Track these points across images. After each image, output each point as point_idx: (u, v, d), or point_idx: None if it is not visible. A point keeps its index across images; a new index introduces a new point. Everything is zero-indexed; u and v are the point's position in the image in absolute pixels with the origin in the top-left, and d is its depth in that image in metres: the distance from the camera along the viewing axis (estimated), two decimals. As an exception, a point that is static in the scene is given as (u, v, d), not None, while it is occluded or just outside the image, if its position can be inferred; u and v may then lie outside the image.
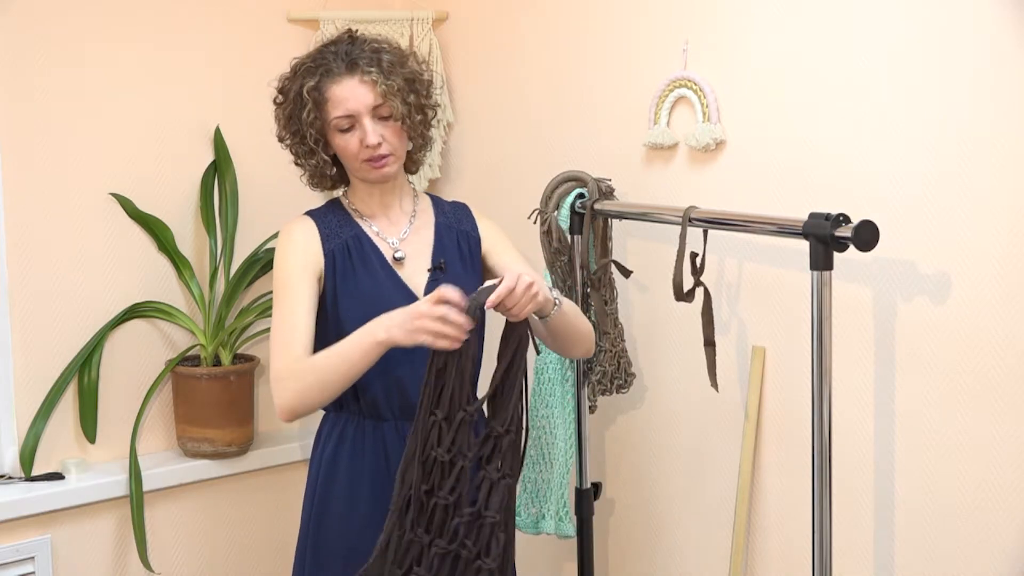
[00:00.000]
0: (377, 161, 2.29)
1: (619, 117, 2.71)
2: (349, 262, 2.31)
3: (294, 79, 2.30)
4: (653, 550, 2.75)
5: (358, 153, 2.28)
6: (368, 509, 2.28)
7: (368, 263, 2.32)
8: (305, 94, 2.26)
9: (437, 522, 2.10)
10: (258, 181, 3.03)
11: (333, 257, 2.31)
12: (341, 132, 2.27)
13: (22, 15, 2.68)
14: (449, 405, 2.09)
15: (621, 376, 2.62)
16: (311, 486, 2.37)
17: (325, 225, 2.34)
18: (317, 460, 2.37)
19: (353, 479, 2.30)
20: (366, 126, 2.26)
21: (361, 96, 2.25)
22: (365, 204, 2.38)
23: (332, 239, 2.32)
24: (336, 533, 2.31)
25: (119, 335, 2.86)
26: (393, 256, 2.34)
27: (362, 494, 2.29)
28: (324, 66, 2.27)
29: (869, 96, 2.25)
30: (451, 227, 2.41)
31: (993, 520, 2.14)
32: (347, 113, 2.26)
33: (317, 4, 3.09)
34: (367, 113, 2.26)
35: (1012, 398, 2.10)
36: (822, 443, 2.10)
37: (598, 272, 2.59)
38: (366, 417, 2.32)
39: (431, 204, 2.45)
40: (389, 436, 2.31)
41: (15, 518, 2.67)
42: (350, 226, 2.35)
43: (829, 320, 2.09)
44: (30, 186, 2.71)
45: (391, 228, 2.38)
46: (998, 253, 2.09)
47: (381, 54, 2.28)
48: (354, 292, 2.29)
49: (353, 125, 2.27)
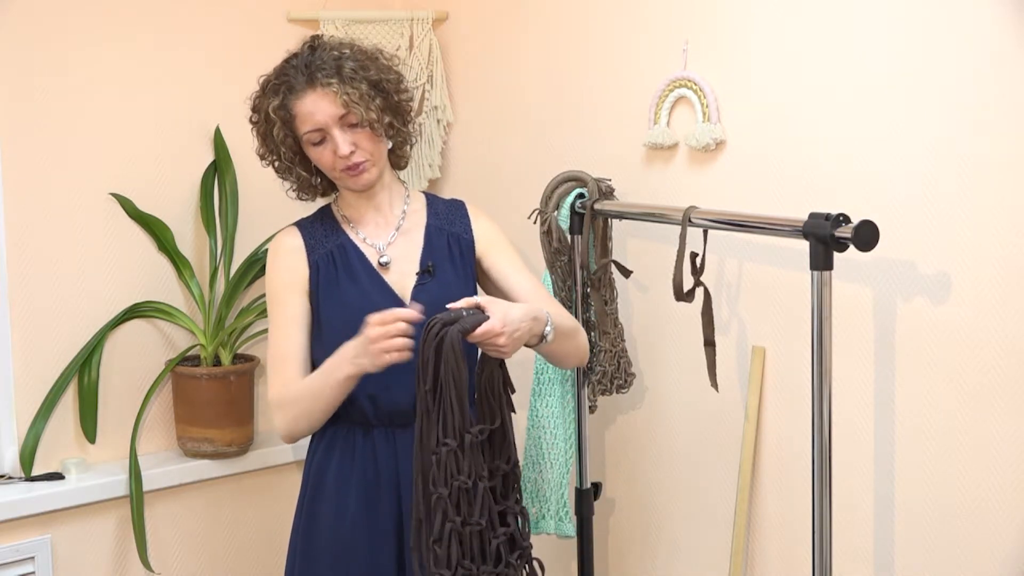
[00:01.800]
0: (354, 169, 2.27)
1: (619, 117, 2.71)
2: (333, 271, 2.32)
3: (263, 98, 2.30)
4: (653, 550, 2.75)
5: (334, 164, 2.28)
6: (356, 516, 2.28)
7: (352, 271, 2.32)
8: (272, 113, 2.26)
9: (477, 550, 2.11)
10: (258, 181, 3.02)
11: (317, 268, 2.32)
12: (314, 145, 2.27)
13: (22, 15, 2.68)
14: (456, 431, 2.09)
15: (621, 376, 2.62)
16: (301, 493, 2.39)
17: (311, 236, 2.35)
18: (307, 467, 2.38)
19: (341, 487, 2.30)
20: (336, 137, 2.24)
21: (325, 108, 2.23)
22: (354, 209, 2.38)
23: (317, 250, 2.33)
24: (325, 540, 2.31)
25: (119, 335, 2.86)
26: (378, 261, 2.34)
27: (349, 502, 2.29)
28: (286, 83, 2.26)
29: (869, 96, 2.25)
30: (442, 229, 2.39)
31: (993, 520, 2.14)
32: (315, 127, 2.25)
33: (317, 4, 3.09)
34: (334, 124, 2.24)
35: (1012, 398, 2.10)
36: (822, 443, 2.10)
37: (598, 272, 2.59)
38: (355, 424, 2.32)
39: (425, 204, 2.43)
40: (379, 444, 2.30)
41: (15, 518, 2.67)
42: (336, 234, 2.35)
43: (829, 320, 2.09)
44: (30, 186, 2.72)
45: (378, 232, 2.37)
46: (998, 253, 2.09)
47: (342, 61, 2.26)
48: (337, 301, 2.30)
49: (324, 138, 2.26)
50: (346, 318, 2.24)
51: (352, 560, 2.28)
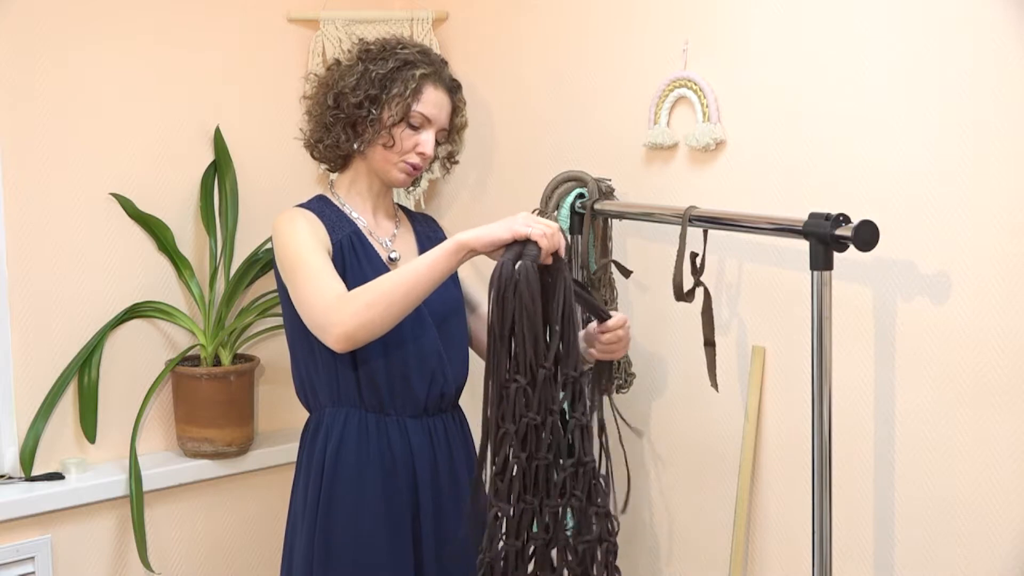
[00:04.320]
0: (415, 169, 2.35)
1: (619, 117, 2.71)
2: (355, 257, 2.31)
3: (395, 54, 2.34)
4: (653, 550, 2.75)
5: (406, 153, 2.33)
6: (376, 504, 2.26)
7: (371, 260, 2.32)
8: (409, 76, 2.31)
9: (542, 483, 2.08)
10: (258, 181, 3.04)
11: (341, 247, 2.31)
12: (408, 126, 2.33)
13: (22, 15, 2.68)
14: (528, 367, 2.06)
15: (621, 376, 2.62)
16: (305, 483, 2.33)
17: (325, 218, 2.33)
18: (316, 456, 2.32)
19: (360, 474, 2.28)
20: (429, 137, 2.34)
21: (445, 113, 2.38)
22: (362, 199, 2.40)
23: (336, 231, 2.32)
24: (345, 531, 2.27)
25: (119, 335, 2.86)
26: (388, 256, 2.36)
27: (369, 489, 2.27)
28: (435, 70, 2.37)
29: (869, 96, 2.25)
30: (429, 236, 2.47)
31: (993, 520, 2.14)
32: (428, 117, 2.34)
33: (317, 4, 3.09)
34: (435, 127, 2.35)
35: (1012, 398, 2.10)
36: (822, 443, 2.10)
37: (598, 272, 2.59)
38: (368, 411, 2.31)
39: (404, 214, 2.51)
40: (392, 432, 2.30)
41: (15, 518, 2.66)
42: (347, 222, 2.36)
43: (829, 320, 2.09)
44: (30, 186, 2.71)
45: (378, 229, 2.40)
46: (998, 253, 2.09)
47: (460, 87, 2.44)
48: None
49: (421, 127, 2.33)
50: None
51: (377, 546, 2.26)
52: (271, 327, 2.99)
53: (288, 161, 3.08)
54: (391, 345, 2.27)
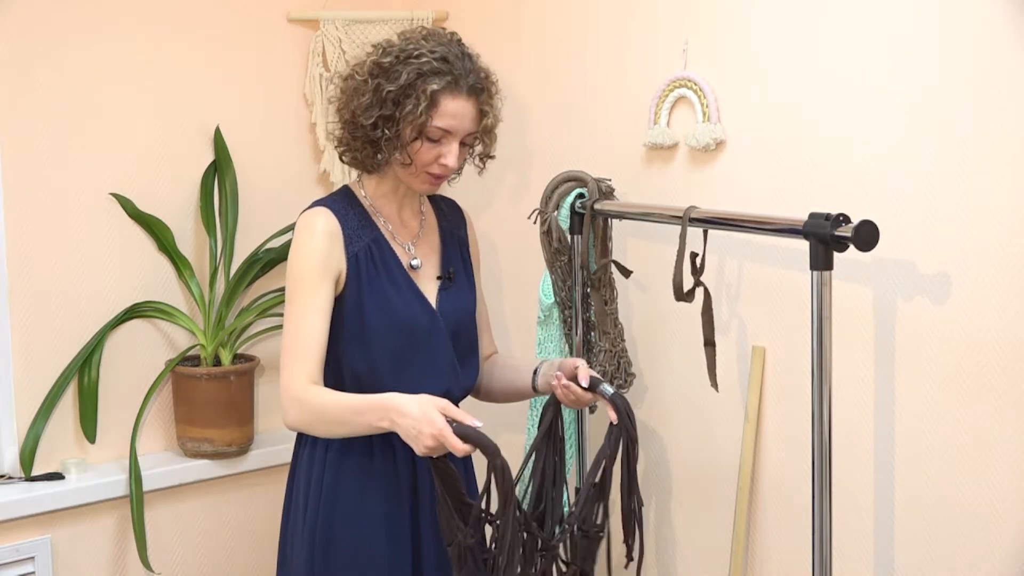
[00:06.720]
0: (440, 178, 2.27)
1: (619, 117, 2.71)
2: (373, 268, 2.26)
3: (409, 63, 2.20)
4: (654, 550, 2.75)
5: (428, 165, 2.23)
6: (377, 510, 2.25)
7: (389, 271, 2.27)
8: (422, 92, 2.18)
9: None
10: (258, 181, 3.03)
11: (356, 260, 2.25)
12: (428, 140, 2.21)
13: (22, 15, 2.68)
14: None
15: (621, 376, 2.62)
16: (304, 488, 2.30)
17: (347, 224, 2.26)
18: (317, 461, 2.29)
19: (363, 485, 2.25)
20: (452, 149, 2.22)
21: (468, 121, 2.22)
22: (387, 200, 2.33)
23: (355, 241, 2.26)
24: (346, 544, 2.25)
25: (119, 335, 2.86)
26: (409, 264, 2.31)
27: (370, 496, 2.25)
28: (452, 75, 2.20)
29: (869, 96, 2.25)
30: (453, 233, 2.41)
31: (993, 519, 2.14)
32: (447, 129, 2.21)
33: (317, 4, 3.09)
34: (460, 136, 2.23)
35: (1012, 398, 2.10)
36: (822, 443, 2.10)
37: (598, 272, 2.59)
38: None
39: (429, 203, 2.43)
40: (398, 444, 2.22)
41: (15, 518, 2.67)
42: (370, 227, 2.29)
43: (829, 320, 2.09)
44: (30, 186, 2.71)
45: (403, 230, 2.34)
46: (998, 253, 2.09)
47: (489, 83, 2.27)
48: (382, 302, 2.24)
49: (442, 139, 2.22)
50: (390, 323, 2.22)
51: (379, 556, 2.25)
52: (271, 327, 2.99)
53: (288, 161, 3.08)
54: (402, 363, 2.24)
